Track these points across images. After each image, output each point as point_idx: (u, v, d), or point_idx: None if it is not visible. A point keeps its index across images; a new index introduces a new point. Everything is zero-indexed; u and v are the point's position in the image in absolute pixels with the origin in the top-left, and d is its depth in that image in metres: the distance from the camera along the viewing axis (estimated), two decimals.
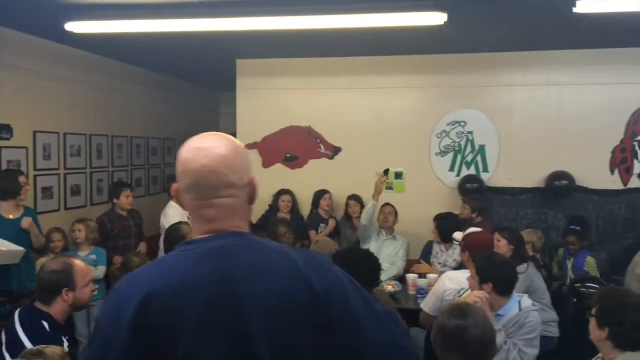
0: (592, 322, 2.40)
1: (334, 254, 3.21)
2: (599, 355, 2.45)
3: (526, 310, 2.92)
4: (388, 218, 5.10)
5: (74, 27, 4.03)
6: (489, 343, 2.04)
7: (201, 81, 8.13)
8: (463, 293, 3.24)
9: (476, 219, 5.06)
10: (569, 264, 4.92)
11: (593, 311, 2.41)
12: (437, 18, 3.60)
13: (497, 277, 2.91)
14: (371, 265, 3.12)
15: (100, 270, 4.57)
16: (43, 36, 4.91)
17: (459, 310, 2.07)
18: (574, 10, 3.39)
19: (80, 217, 4.93)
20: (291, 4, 3.72)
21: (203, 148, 1.25)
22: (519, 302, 2.96)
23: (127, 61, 6.24)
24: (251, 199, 1.32)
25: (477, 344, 2.00)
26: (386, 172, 5.03)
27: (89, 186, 5.78)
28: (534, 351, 2.84)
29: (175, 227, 4.00)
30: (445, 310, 2.12)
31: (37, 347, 2.04)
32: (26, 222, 4.25)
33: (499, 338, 2.77)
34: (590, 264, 4.80)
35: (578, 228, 4.96)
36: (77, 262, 2.70)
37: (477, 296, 2.83)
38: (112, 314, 1.19)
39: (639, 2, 3.37)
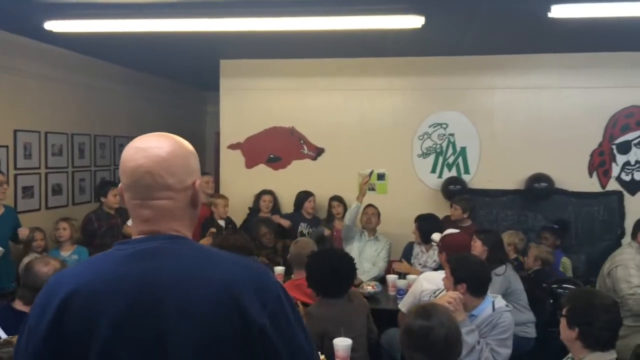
0: (563, 323, 2.44)
1: (310, 255, 3.24)
2: (569, 355, 2.50)
3: (499, 311, 2.96)
4: (371, 219, 5.12)
5: (54, 26, 4.02)
6: (454, 343, 2.07)
7: (186, 80, 8.11)
8: (439, 293, 3.27)
9: (466, 221, 5.11)
10: (560, 266, 4.99)
11: (563, 312, 2.45)
12: (415, 21, 3.64)
13: (471, 278, 2.95)
14: (346, 267, 3.14)
15: None
16: (24, 34, 4.88)
17: (425, 311, 2.10)
18: (549, 15, 3.44)
19: (62, 216, 4.91)
20: (273, 5, 3.75)
21: (142, 148, 1.23)
22: (493, 302, 3.00)
23: (110, 60, 6.21)
24: (194, 203, 1.29)
25: (442, 344, 2.04)
26: (371, 173, 5.04)
27: (71, 186, 5.75)
28: (506, 351, 2.88)
29: None
30: (412, 311, 2.15)
31: (6, 337, 2.04)
32: (23, 233, 4.32)
33: (472, 338, 2.81)
34: (565, 264, 4.88)
35: (556, 227, 5.05)
36: (58, 266, 2.72)
37: (452, 297, 2.87)
38: (39, 305, 1.19)
39: (611, 8, 3.43)
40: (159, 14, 3.88)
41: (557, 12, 3.42)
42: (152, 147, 1.23)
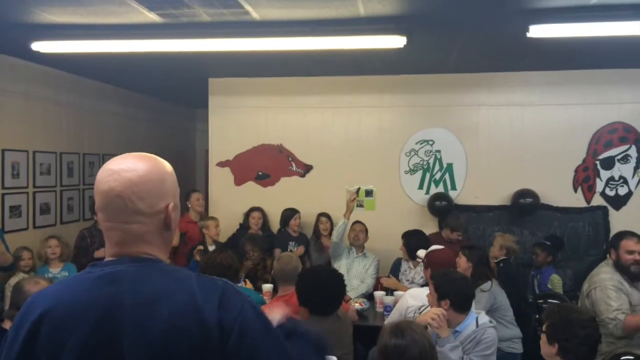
0: (543, 338, 2.48)
1: (300, 273, 3.26)
2: None
3: (483, 327, 2.98)
4: (359, 236, 5.14)
5: (41, 46, 4.05)
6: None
7: (176, 99, 8.16)
8: (423, 310, 3.29)
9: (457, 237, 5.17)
10: (536, 281, 5.02)
11: (543, 327, 2.49)
12: (397, 41, 3.71)
13: (454, 294, 2.97)
14: (337, 284, 3.17)
15: None
16: (11, 54, 4.91)
17: (399, 330, 2.13)
18: (528, 35, 3.52)
19: (50, 234, 4.92)
20: (260, 26, 3.81)
21: (115, 170, 1.23)
22: (477, 318, 3.02)
23: (99, 79, 6.26)
24: (167, 225, 1.29)
25: None
26: (358, 190, 5.06)
27: (59, 204, 5.74)
28: None
29: None
30: (386, 330, 2.17)
31: None
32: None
33: (456, 355, 2.83)
34: (554, 281, 4.88)
35: (548, 243, 5.06)
36: (43, 283, 2.73)
37: (435, 313, 2.90)
38: (16, 325, 1.22)
39: (588, 28, 3.51)
40: (146, 35, 3.93)
41: (535, 32, 3.50)
42: (125, 169, 1.23)
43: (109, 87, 6.59)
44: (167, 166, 1.32)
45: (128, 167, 1.24)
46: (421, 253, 4.18)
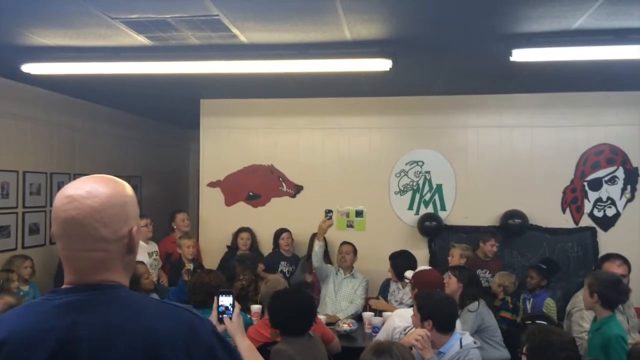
0: None
1: (272, 296, 3.27)
2: None
3: (467, 348, 2.98)
4: (345, 257, 5.13)
5: (31, 68, 4.09)
6: None
7: (168, 120, 8.21)
8: (409, 330, 3.29)
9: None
10: (529, 304, 4.98)
11: (524, 349, 2.50)
12: (383, 65, 3.77)
13: (436, 314, 2.98)
14: (307, 305, 3.19)
15: None
16: (2, 75, 4.95)
17: (381, 349, 2.13)
18: (511, 59, 3.58)
19: (32, 255, 4.98)
20: (248, 49, 3.87)
21: (74, 197, 1.18)
22: (460, 339, 3.02)
23: (91, 100, 6.30)
24: (130, 249, 1.26)
25: None
26: (329, 213, 4.95)
27: (49, 225, 5.74)
28: None
29: None
30: (369, 349, 2.18)
31: None
32: None
33: None
34: (548, 306, 4.80)
35: (544, 267, 4.97)
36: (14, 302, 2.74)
37: (419, 334, 2.90)
38: None
39: (570, 53, 3.58)
40: (136, 57, 3.98)
41: (518, 56, 3.56)
42: (85, 196, 1.19)
43: (100, 107, 6.63)
44: (128, 188, 1.29)
45: (88, 193, 1.19)
46: (408, 274, 4.19)
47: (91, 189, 1.20)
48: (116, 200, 1.23)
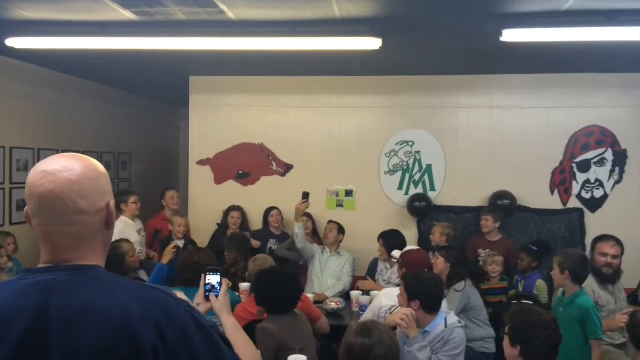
0: (506, 340, 2.51)
1: (257, 274, 3.29)
2: None
3: (451, 327, 3.00)
4: (328, 235, 5.18)
5: (16, 43, 4.02)
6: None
7: (158, 97, 8.13)
8: (394, 310, 3.32)
9: (497, 235, 5.30)
10: (520, 286, 5.01)
11: (506, 329, 2.52)
12: (373, 43, 3.73)
13: (424, 295, 3.00)
14: (291, 283, 3.21)
15: None
16: None
17: (366, 329, 2.14)
18: (501, 39, 3.55)
19: (19, 231, 4.96)
20: (236, 25, 3.81)
21: (50, 172, 1.17)
22: (445, 318, 3.05)
23: (78, 75, 6.21)
24: (108, 224, 1.25)
25: None
26: (306, 195, 4.93)
27: None
28: None
29: (115, 245, 3.97)
30: (352, 329, 2.18)
31: None
32: None
33: (424, 355, 2.86)
34: (539, 287, 4.80)
35: (535, 248, 4.99)
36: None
37: (404, 314, 2.92)
38: None
39: (560, 33, 3.55)
40: (122, 33, 3.91)
41: (508, 36, 3.53)
42: (61, 170, 1.17)
43: (88, 83, 6.54)
44: (100, 166, 1.28)
45: (63, 167, 1.18)
46: (396, 253, 4.22)
47: (66, 164, 1.19)
48: (92, 174, 1.22)
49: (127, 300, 1.15)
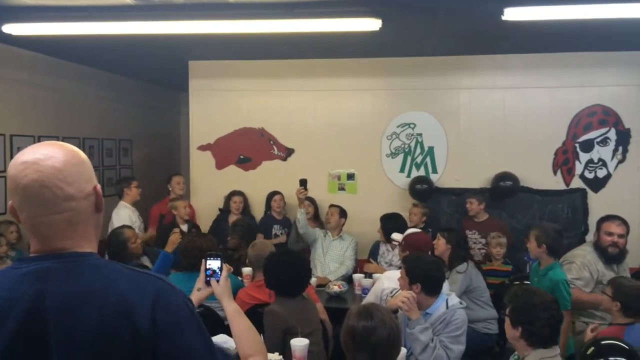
0: (507, 322, 2.51)
1: (267, 257, 3.28)
2: (516, 352, 2.56)
3: (453, 309, 3.01)
4: (330, 219, 5.18)
5: (12, 29, 3.98)
6: (395, 342, 2.11)
7: (158, 82, 8.08)
8: (395, 292, 3.32)
9: (483, 215, 5.31)
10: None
11: (507, 311, 2.52)
12: (372, 24, 3.68)
13: (425, 278, 3.00)
14: (302, 267, 3.20)
15: None
16: None
17: (367, 312, 2.14)
18: (503, 18, 3.50)
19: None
20: (234, 8, 3.77)
21: (32, 161, 1.15)
22: (447, 300, 3.05)
23: (77, 61, 6.17)
24: (98, 207, 1.24)
25: (385, 343, 2.08)
26: (303, 183, 4.91)
27: None
28: (459, 348, 2.93)
29: (117, 232, 3.99)
30: (353, 312, 2.18)
31: None
32: None
33: (426, 336, 2.87)
34: None
35: None
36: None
37: (405, 296, 2.93)
38: None
39: (563, 11, 3.50)
40: (120, 17, 3.87)
41: (510, 15, 3.48)
42: (43, 159, 1.16)
43: (87, 69, 6.50)
44: (81, 152, 1.26)
45: (45, 155, 1.16)
46: (396, 236, 4.22)
47: (47, 152, 1.18)
48: (74, 160, 1.20)
49: (124, 286, 1.15)
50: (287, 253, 3.55)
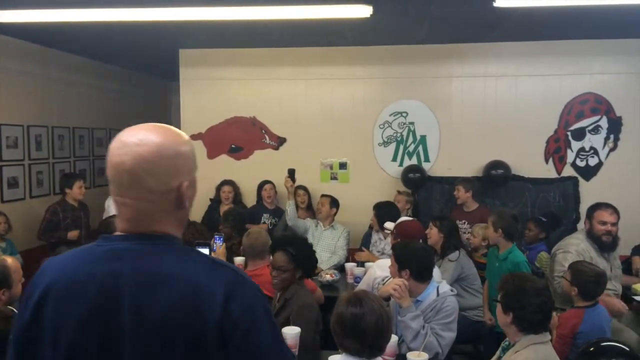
0: (499, 308, 2.51)
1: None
2: (507, 338, 2.57)
3: (443, 296, 3.01)
4: (320, 209, 5.18)
5: (1, 16, 3.92)
6: (384, 329, 2.11)
7: (148, 70, 8.01)
8: (387, 280, 3.32)
9: (473, 204, 5.33)
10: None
11: (498, 297, 2.52)
12: (363, 11, 3.65)
13: (414, 264, 2.99)
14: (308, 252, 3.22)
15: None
16: None
17: (356, 299, 2.14)
18: (495, 4, 3.48)
19: (11, 209, 4.96)
20: None
21: (127, 143, 1.16)
22: (437, 287, 3.05)
23: (66, 49, 6.10)
24: (178, 205, 1.21)
25: (373, 330, 2.07)
26: (291, 173, 4.90)
27: (28, 178, 5.65)
28: (450, 335, 2.94)
29: (108, 221, 3.96)
30: (343, 299, 2.18)
31: None
32: None
33: (417, 324, 2.87)
34: (542, 259, 4.64)
35: (544, 219, 4.97)
36: (9, 261, 2.70)
37: (396, 284, 2.92)
38: (28, 291, 1.21)
39: None
40: (109, 3, 3.82)
41: (502, 1, 3.46)
42: (136, 143, 1.15)
43: (76, 57, 6.43)
44: (184, 140, 1.23)
45: (140, 140, 1.16)
46: (389, 225, 4.20)
47: (143, 137, 1.17)
48: (167, 152, 1.18)
49: (198, 273, 1.16)
50: (291, 237, 3.56)
